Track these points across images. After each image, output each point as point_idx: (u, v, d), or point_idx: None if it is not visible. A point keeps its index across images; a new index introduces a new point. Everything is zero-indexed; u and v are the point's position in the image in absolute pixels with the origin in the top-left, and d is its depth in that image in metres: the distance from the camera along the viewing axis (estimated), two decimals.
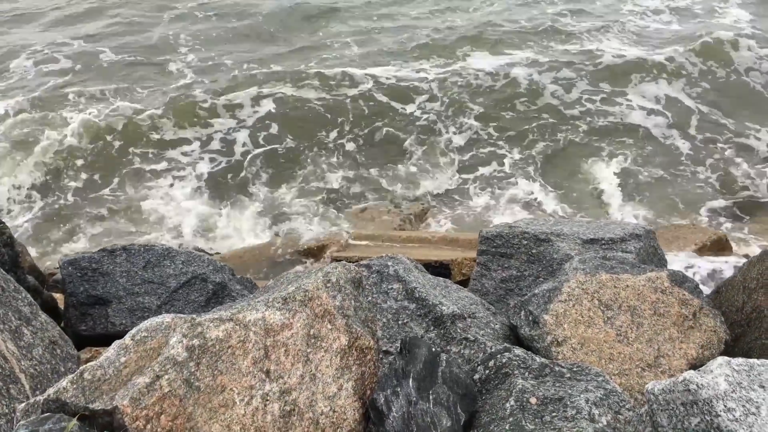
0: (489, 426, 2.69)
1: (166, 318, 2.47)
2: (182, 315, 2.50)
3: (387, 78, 9.41)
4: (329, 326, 2.73)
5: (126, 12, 11.99)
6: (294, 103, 9.04)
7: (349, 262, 4.52)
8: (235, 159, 8.27)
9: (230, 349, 2.45)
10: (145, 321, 2.46)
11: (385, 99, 9.30)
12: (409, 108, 9.09)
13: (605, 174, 7.88)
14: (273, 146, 8.40)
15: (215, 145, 8.42)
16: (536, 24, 11.34)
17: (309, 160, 8.19)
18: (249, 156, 8.25)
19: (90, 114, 8.55)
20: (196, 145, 8.31)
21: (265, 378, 2.48)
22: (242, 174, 8.06)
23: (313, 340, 2.66)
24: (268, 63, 9.95)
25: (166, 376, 2.28)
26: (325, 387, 2.61)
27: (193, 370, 2.35)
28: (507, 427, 2.63)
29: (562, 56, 10.03)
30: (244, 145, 8.45)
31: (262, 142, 8.52)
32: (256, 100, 8.95)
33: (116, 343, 2.37)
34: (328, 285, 2.84)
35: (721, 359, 2.07)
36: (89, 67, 10.08)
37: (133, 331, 2.43)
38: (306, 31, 11.08)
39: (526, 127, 8.61)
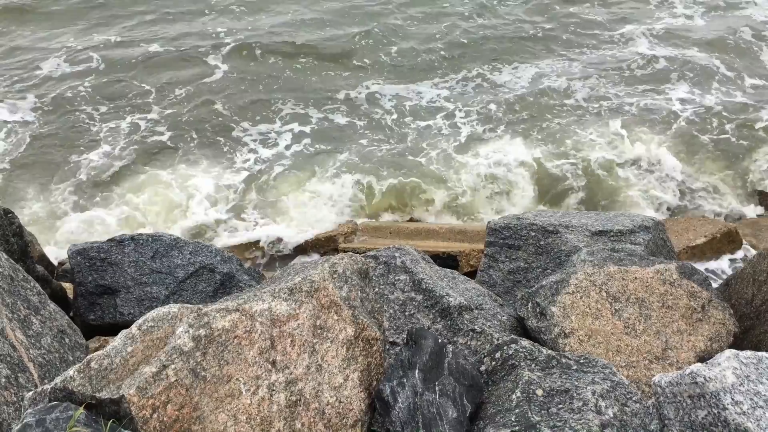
0: (495, 417, 2.69)
1: (173, 308, 2.48)
2: (189, 305, 2.51)
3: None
4: (335, 317, 2.73)
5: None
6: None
7: (357, 253, 4.52)
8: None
9: (236, 339, 2.45)
10: (152, 311, 2.47)
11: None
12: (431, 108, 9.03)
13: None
14: (293, 147, 8.38)
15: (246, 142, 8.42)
16: None
17: (321, 157, 8.16)
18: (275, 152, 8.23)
19: None
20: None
21: (271, 368, 2.49)
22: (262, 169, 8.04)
23: (319, 331, 2.66)
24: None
25: (173, 366, 2.29)
26: (331, 377, 2.62)
27: (199, 359, 2.35)
28: (513, 419, 2.62)
29: None
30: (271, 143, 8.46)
31: (285, 142, 8.49)
32: (283, 119, 8.91)
33: (123, 333, 2.38)
34: (335, 276, 2.83)
35: (728, 352, 2.05)
36: None
37: (140, 320, 2.44)
38: None
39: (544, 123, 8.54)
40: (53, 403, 2.17)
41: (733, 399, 1.92)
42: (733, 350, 2.06)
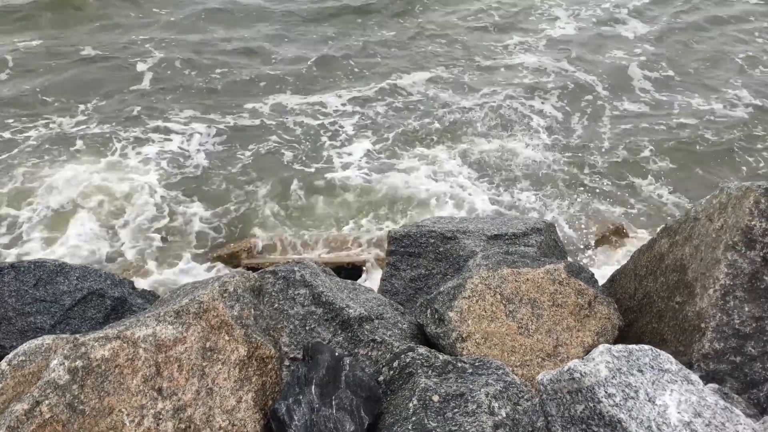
0: (392, 427, 2.70)
1: (46, 339, 2.33)
2: (64, 335, 2.37)
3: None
4: (227, 337, 2.65)
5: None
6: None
7: (259, 268, 4.43)
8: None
9: (117, 368, 2.34)
10: (23, 344, 2.32)
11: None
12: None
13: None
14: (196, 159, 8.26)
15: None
16: None
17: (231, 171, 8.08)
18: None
19: None
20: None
21: (157, 396, 2.39)
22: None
23: (209, 353, 2.58)
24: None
25: (47, 401, 2.15)
26: (223, 400, 2.54)
27: (76, 393, 2.22)
28: (410, 427, 2.64)
29: None
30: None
31: (192, 154, 8.35)
32: (206, 123, 8.85)
33: None
34: (225, 295, 2.76)
35: (602, 347, 2.15)
36: None
37: (10, 355, 2.28)
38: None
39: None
40: None
41: (606, 392, 2.01)
42: (606, 345, 2.16)
